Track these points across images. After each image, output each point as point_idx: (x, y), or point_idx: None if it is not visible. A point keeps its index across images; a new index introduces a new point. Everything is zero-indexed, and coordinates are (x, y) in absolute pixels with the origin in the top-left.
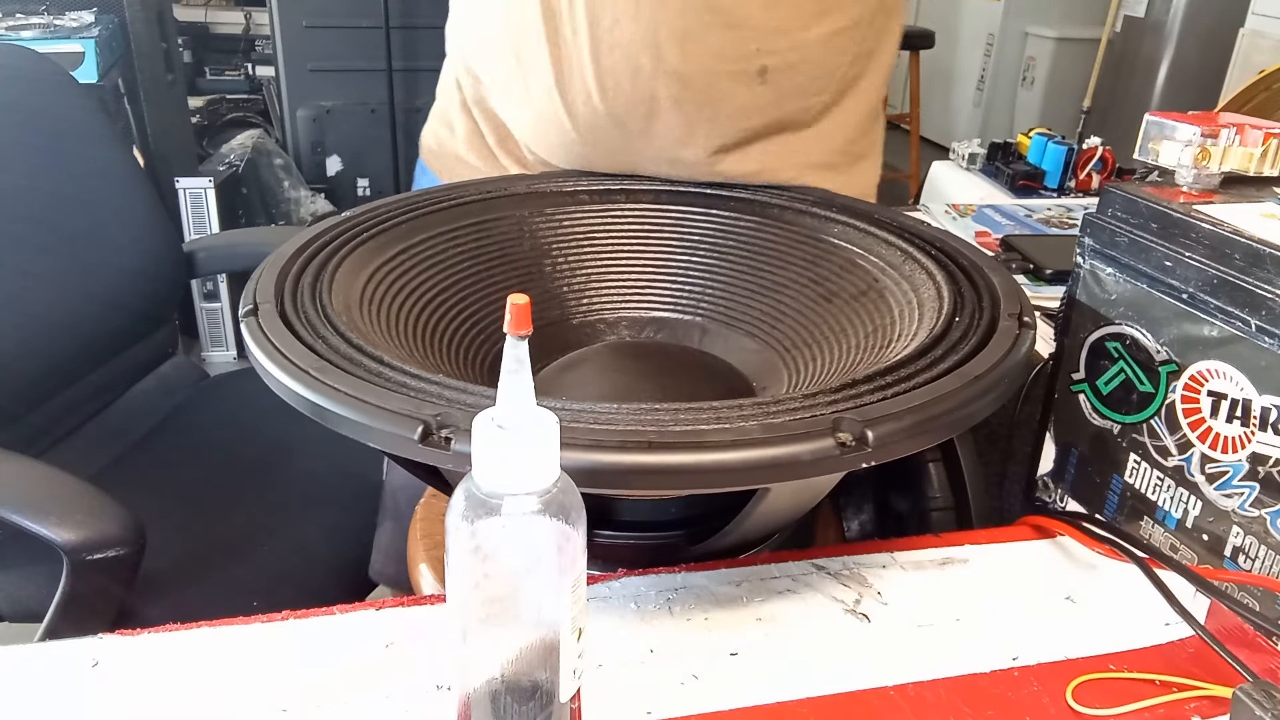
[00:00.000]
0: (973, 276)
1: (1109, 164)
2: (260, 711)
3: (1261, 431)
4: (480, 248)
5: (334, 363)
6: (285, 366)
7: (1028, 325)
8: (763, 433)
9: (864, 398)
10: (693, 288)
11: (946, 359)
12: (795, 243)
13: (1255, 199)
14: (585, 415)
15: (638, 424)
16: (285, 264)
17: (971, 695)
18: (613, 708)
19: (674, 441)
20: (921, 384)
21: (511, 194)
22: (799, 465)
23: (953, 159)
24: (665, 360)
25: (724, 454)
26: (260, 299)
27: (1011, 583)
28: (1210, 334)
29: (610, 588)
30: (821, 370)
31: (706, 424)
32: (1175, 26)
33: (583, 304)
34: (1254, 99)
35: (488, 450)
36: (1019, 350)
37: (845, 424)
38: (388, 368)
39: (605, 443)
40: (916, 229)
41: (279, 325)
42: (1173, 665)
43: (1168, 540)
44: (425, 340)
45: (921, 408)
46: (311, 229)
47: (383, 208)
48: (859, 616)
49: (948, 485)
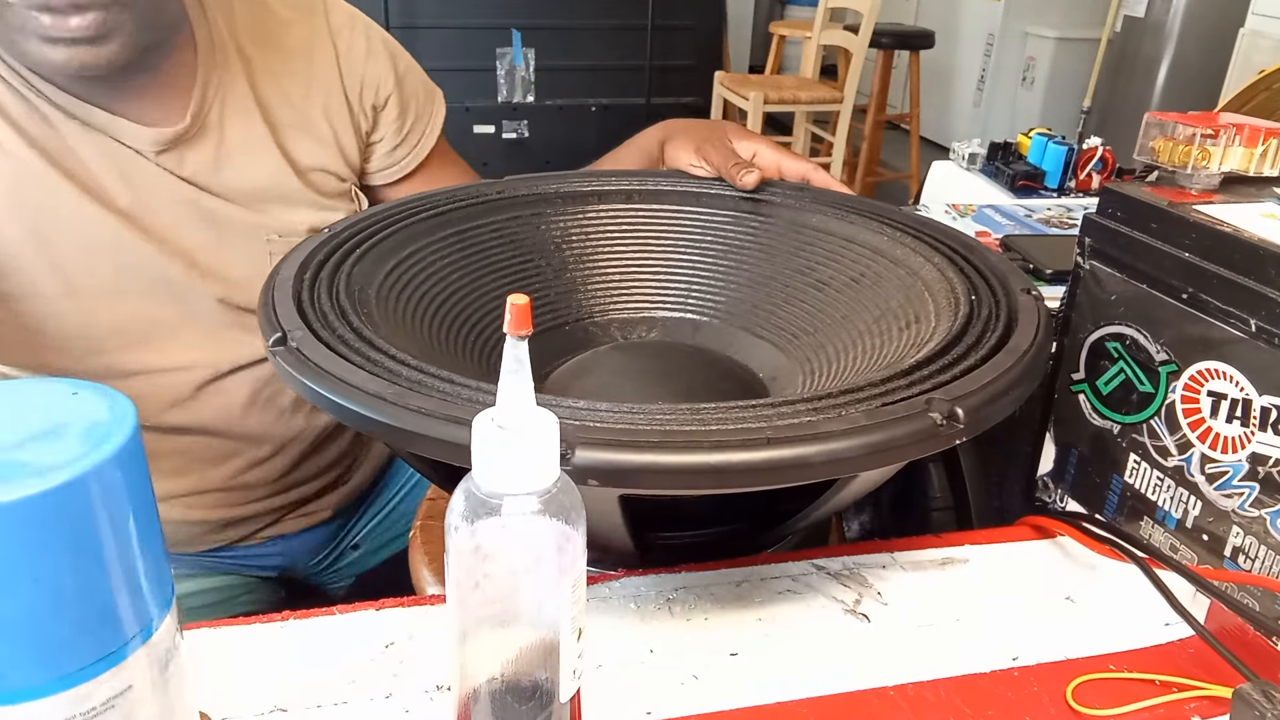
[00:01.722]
0: (970, 259)
1: (1109, 164)
2: (260, 711)
3: (1261, 431)
4: (486, 250)
5: (406, 385)
6: (358, 396)
7: (1039, 298)
8: (869, 419)
9: (936, 379)
10: (693, 287)
11: (988, 337)
12: (793, 237)
13: (1255, 199)
14: (697, 416)
15: (752, 422)
16: (294, 285)
17: (971, 695)
18: (613, 708)
19: (791, 436)
20: (980, 361)
21: (516, 196)
22: (906, 447)
23: (953, 159)
24: (680, 360)
25: (838, 443)
26: (286, 325)
27: (1011, 583)
28: (1210, 334)
29: (610, 588)
30: (834, 360)
31: (814, 416)
32: (1175, 26)
33: (586, 305)
34: (1254, 99)
35: (488, 450)
36: (1045, 322)
37: (935, 404)
38: (460, 385)
39: (729, 442)
40: (901, 216)
41: (321, 349)
42: (1173, 665)
43: (1168, 540)
44: (441, 345)
45: (993, 382)
46: (308, 242)
47: (366, 219)
48: (859, 616)
49: (948, 485)
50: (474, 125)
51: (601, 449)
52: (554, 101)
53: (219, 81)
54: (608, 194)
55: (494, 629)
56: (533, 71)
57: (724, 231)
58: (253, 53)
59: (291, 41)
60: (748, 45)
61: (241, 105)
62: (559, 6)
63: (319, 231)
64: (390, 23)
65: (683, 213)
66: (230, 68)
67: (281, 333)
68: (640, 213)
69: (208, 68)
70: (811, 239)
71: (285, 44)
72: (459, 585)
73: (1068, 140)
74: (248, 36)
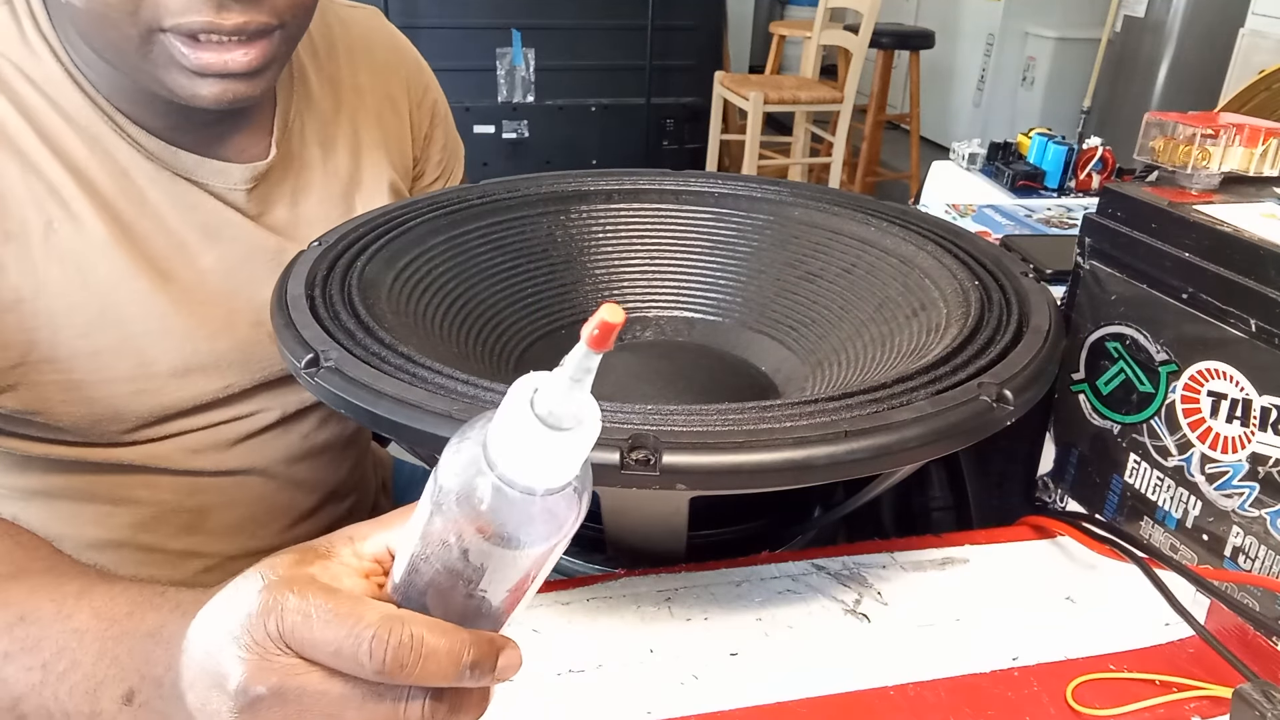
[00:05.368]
0: (961, 245)
1: (1109, 164)
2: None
3: (1261, 431)
4: (474, 254)
5: (466, 402)
6: (424, 417)
7: (1040, 278)
8: (934, 406)
9: (976, 363)
10: (684, 284)
11: (1009, 321)
12: (778, 231)
13: (1255, 199)
14: (768, 414)
15: (824, 416)
16: (308, 301)
17: (971, 695)
18: (613, 708)
19: (867, 428)
20: (1011, 344)
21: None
22: (969, 432)
23: (953, 159)
24: (690, 359)
25: (910, 431)
26: (317, 344)
27: (1011, 583)
28: (1210, 334)
29: (610, 588)
30: (840, 350)
31: (880, 407)
32: (1175, 26)
33: (579, 306)
34: (1254, 99)
35: (537, 447)
36: (1054, 301)
37: (984, 388)
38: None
39: (809, 438)
40: (883, 207)
41: (363, 368)
42: (1173, 665)
43: (1168, 540)
44: (459, 344)
45: (1031, 363)
46: (306, 255)
47: (354, 230)
48: (859, 616)
49: (948, 485)
50: (474, 125)
51: (688, 452)
52: (554, 101)
53: (298, 109)
54: (588, 195)
55: (434, 592)
56: (533, 71)
57: (707, 228)
58: (325, 77)
59: (366, 64)
60: (748, 45)
61: (322, 135)
62: (559, 6)
63: None
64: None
65: (664, 211)
66: (308, 94)
67: (314, 353)
68: (623, 212)
69: (286, 94)
70: (798, 232)
71: (359, 66)
72: (430, 539)
73: (1068, 140)
74: (315, 61)
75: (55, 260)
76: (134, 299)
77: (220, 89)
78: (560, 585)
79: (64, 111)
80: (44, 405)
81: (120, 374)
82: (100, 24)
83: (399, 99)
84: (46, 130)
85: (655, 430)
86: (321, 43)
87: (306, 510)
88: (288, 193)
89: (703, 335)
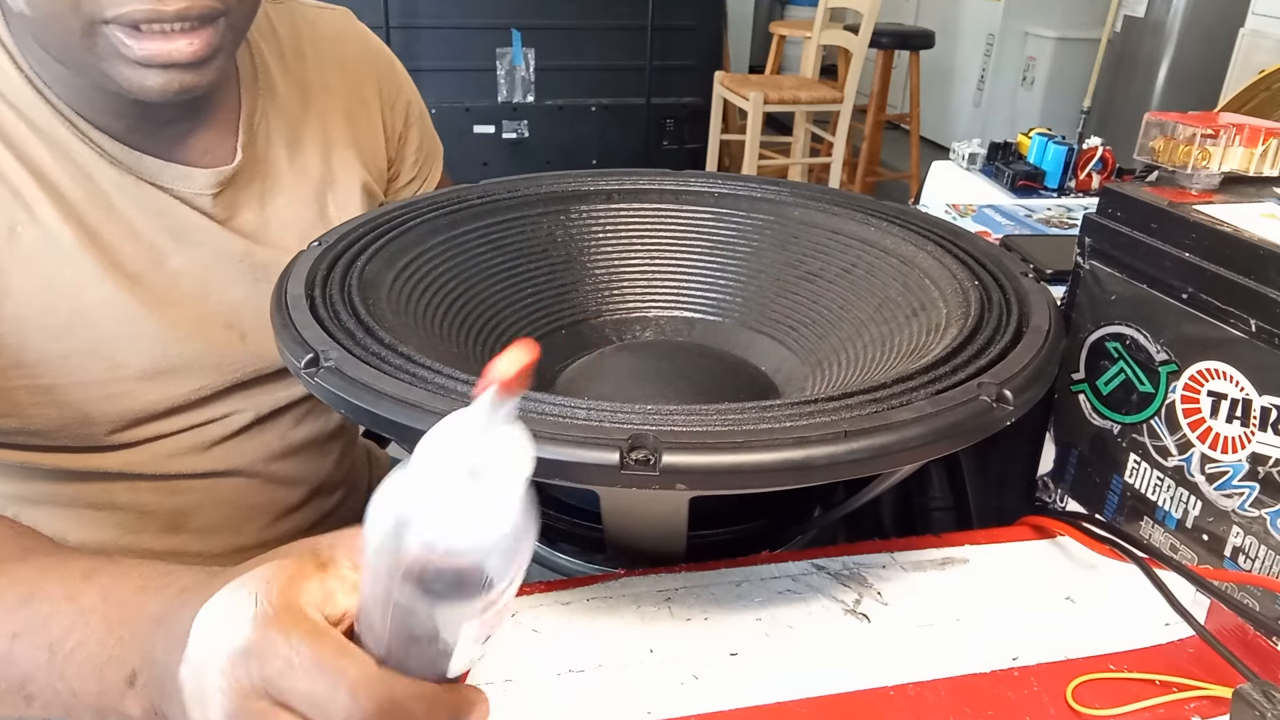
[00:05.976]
0: (960, 245)
1: (1109, 164)
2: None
3: (1261, 431)
4: (473, 255)
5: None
6: (429, 418)
7: (1039, 278)
8: (933, 406)
9: (976, 363)
10: (683, 284)
11: (1009, 320)
12: (778, 231)
13: (1255, 199)
14: (768, 414)
15: (824, 416)
16: (308, 302)
17: (971, 695)
18: (613, 708)
19: (867, 428)
20: (1011, 344)
21: (526, 195)
22: (969, 432)
23: (953, 159)
24: (689, 359)
25: (909, 431)
26: (317, 344)
27: (1011, 583)
28: (1210, 334)
29: (610, 588)
30: (840, 350)
31: (879, 407)
32: (1175, 26)
33: (579, 306)
34: (1254, 99)
35: (464, 509)
36: (1053, 301)
37: (984, 388)
38: (535, 401)
39: (809, 438)
40: (882, 207)
41: (363, 368)
42: (1173, 665)
43: (1168, 540)
44: (459, 344)
45: (1031, 362)
46: (306, 255)
47: (353, 231)
48: (859, 616)
49: (948, 485)
50: (474, 125)
51: (688, 452)
52: (554, 101)
53: (264, 110)
54: (588, 195)
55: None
56: (533, 71)
57: (707, 228)
58: (292, 77)
59: (335, 64)
60: (748, 45)
61: (289, 136)
62: (559, 6)
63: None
64: (390, 23)
65: (664, 211)
66: (274, 95)
67: (314, 353)
68: (622, 212)
69: (251, 96)
70: (797, 232)
71: (328, 66)
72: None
73: (1068, 140)
74: (281, 62)
75: (20, 264)
76: (103, 302)
77: (165, 79)
78: (560, 585)
79: (26, 118)
80: (15, 410)
81: (91, 377)
82: (46, 22)
83: (370, 99)
84: (8, 135)
85: (655, 430)
86: (289, 44)
87: (292, 505)
88: (255, 195)
89: (703, 335)
